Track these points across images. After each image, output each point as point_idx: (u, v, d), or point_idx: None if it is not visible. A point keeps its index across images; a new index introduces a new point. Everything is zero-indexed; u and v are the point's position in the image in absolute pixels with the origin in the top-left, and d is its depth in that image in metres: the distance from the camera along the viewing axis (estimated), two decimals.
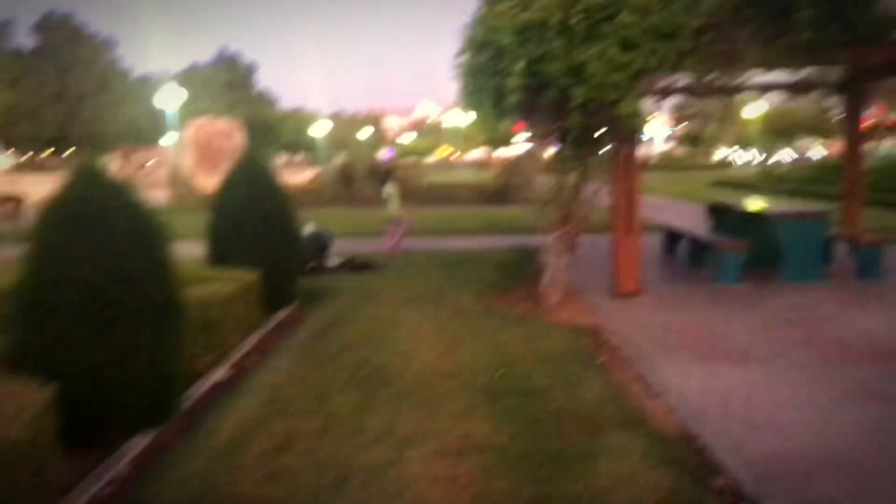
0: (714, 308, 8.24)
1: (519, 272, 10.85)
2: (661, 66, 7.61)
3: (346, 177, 27.89)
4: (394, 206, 14.25)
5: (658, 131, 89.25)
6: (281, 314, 8.31)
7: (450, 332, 7.31)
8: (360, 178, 27.20)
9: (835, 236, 10.28)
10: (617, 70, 7.48)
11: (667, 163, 60.48)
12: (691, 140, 75.69)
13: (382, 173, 14.94)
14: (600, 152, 8.51)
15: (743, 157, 70.00)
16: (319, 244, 11.73)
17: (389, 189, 14.35)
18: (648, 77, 7.87)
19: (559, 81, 7.68)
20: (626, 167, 8.69)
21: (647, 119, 8.04)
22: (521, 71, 7.66)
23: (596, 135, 8.28)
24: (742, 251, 9.45)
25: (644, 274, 9.78)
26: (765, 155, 61.12)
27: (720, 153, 73.30)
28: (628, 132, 8.44)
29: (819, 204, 18.89)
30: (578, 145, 8.27)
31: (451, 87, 8.83)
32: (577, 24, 7.49)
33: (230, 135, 29.84)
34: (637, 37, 7.42)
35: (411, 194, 26.23)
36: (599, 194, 8.69)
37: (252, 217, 8.32)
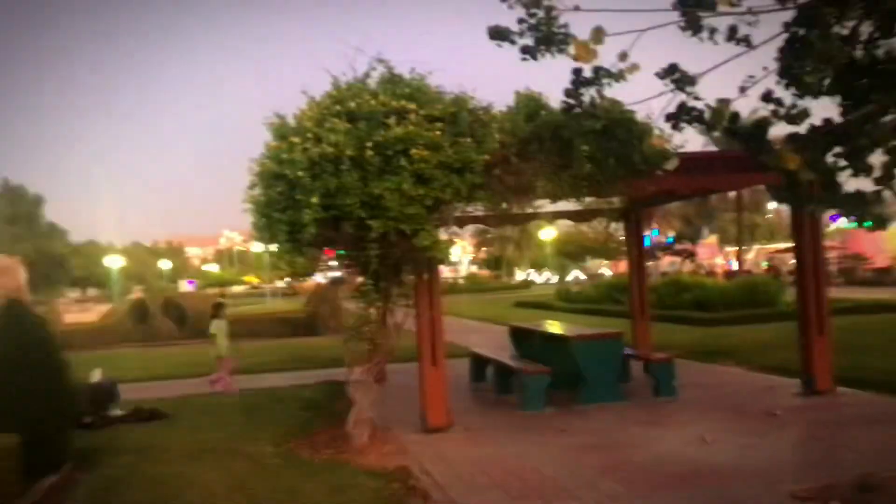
0: (523, 438, 8.11)
1: (326, 410, 10.26)
2: (455, 199, 7.70)
3: (140, 313, 26.02)
4: (220, 345, 13.25)
5: (463, 255, 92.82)
6: (46, 482, 7.15)
7: (246, 492, 6.57)
8: (156, 314, 25.47)
9: (630, 355, 10.70)
10: (412, 203, 7.46)
11: (473, 285, 62.50)
12: (492, 263, 79.18)
13: (211, 309, 13.89)
14: (402, 282, 8.35)
15: (539, 277, 74.08)
16: (102, 394, 10.52)
17: (216, 326, 13.32)
18: (445, 208, 7.92)
19: (355, 214, 7.53)
20: (429, 297, 8.59)
21: (448, 247, 8.03)
22: (315, 205, 7.45)
23: (397, 265, 8.14)
24: (545, 376, 9.54)
25: (454, 404, 9.58)
26: (558, 275, 65.03)
27: (520, 274, 77.12)
28: (428, 262, 8.40)
29: (612, 322, 20.03)
30: (379, 276, 8.08)
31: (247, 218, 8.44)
32: (372, 157, 7.45)
33: (7, 272, 27.10)
34: (430, 171, 7.47)
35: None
36: (404, 324, 8.47)
37: (15, 371, 7.25)
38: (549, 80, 7.41)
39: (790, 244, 49.17)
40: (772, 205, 54.73)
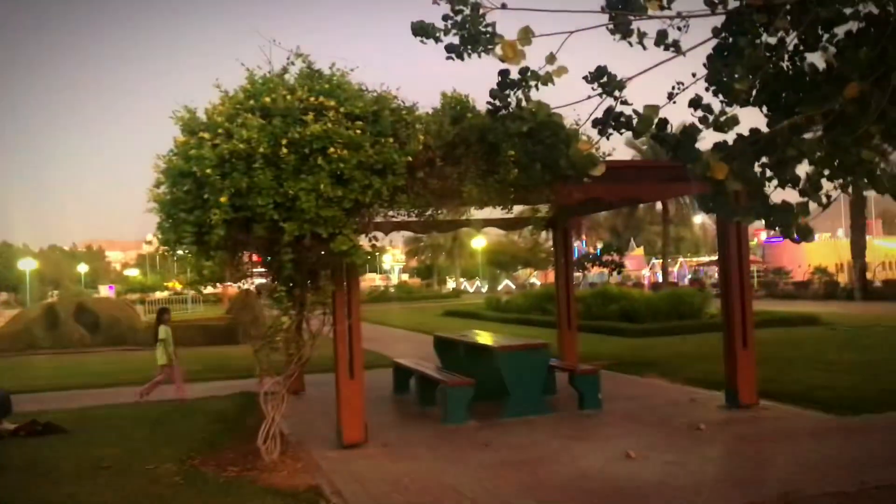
0: (443, 454, 7.76)
1: (237, 424, 9.69)
2: (375, 201, 7.31)
3: (50, 318, 24.70)
4: (164, 352, 12.53)
5: (394, 263, 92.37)
6: None
7: None
8: (67, 320, 24.20)
9: (555, 366, 10.48)
10: (330, 204, 7.04)
11: (403, 293, 62.07)
12: (424, 271, 78.97)
13: (156, 315, 13.20)
14: (319, 289, 7.90)
15: (470, 287, 74.18)
16: None
17: (164, 332, 12.58)
18: (365, 211, 7.52)
19: (268, 216, 7.07)
20: (348, 305, 8.16)
21: (367, 253, 7.63)
22: (225, 205, 6.96)
23: (313, 271, 7.70)
24: (468, 388, 9.22)
25: (376, 416, 9.21)
26: (488, 285, 65.25)
27: (451, 283, 77.10)
28: (347, 268, 7.99)
29: (540, 332, 19.92)
30: (293, 282, 7.63)
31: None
32: (287, 156, 7.01)
33: None
34: (349, 171, 7.07)
35: (125, 337, 23.85)
36: (321, 333, 8.03)
37: None
38: (479, 82, 7.12)
39: (714, 257, 50.49)
40: (697, 218, 56.14)
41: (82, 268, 75.89)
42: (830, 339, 17.11)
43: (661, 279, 47.38)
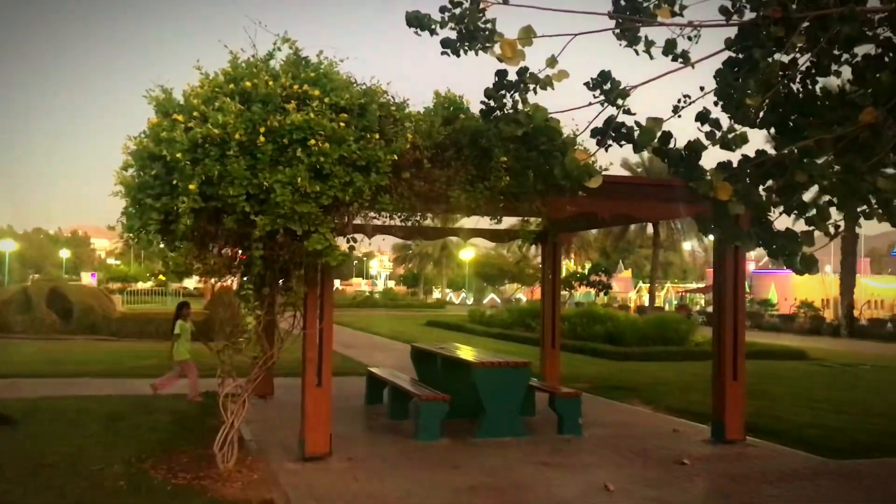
0: (411, 473, 7.29)
1: (199, 425, 9.19)
2: (356, 200, 6.85)
3: (24, 302, 24.06)
4: (181, 349, 11.89)
5: (381, 269, 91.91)
6: None
7: None
8: (39, 305, 23.57)
9: (535, 387, 10.03)
10: (306, 200, 6.58)
11: (388, 300, 61.53)
12: (410, 280, 78.46)
13: (175, 309, 12.45)
14: (290, 290, 7.42)
15: (456, 297, 73.79)
16: None
17: (179, 328, 11.92)
18: (344, 210, 7.06)
19: (240, 207, 6.61)
20: (320, 308, 7.69)
21: (343, 255, 7.16)
22: (193, 192, 6.49)
23: (285, 270, 7.23)
24: (443, 403, 8.75)
25: (344, 427, 8.78)
26: (474, 297, 64.86)
27: (437, 293, 76.65)
28: (321, 269, 7.53)
29: (522, 348, 19.49)
30: (262, 280, 7.16)
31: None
32: (264, 145, 6.56)
33: None
34: (330, 166, 6.61)
35: (99, 327, 23.23)
36: (289, 338, 7.56)
37: None
38: (476, 84, 6.70)
39: (701, 284, 50.30)
40: (687, 244, 55.97)
41: (64, 253, 74.84)
42: (817, 375, 16.75)
43: (647, 303, 47.07)
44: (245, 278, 7.38)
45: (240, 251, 7.22)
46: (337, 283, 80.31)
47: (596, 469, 7.57)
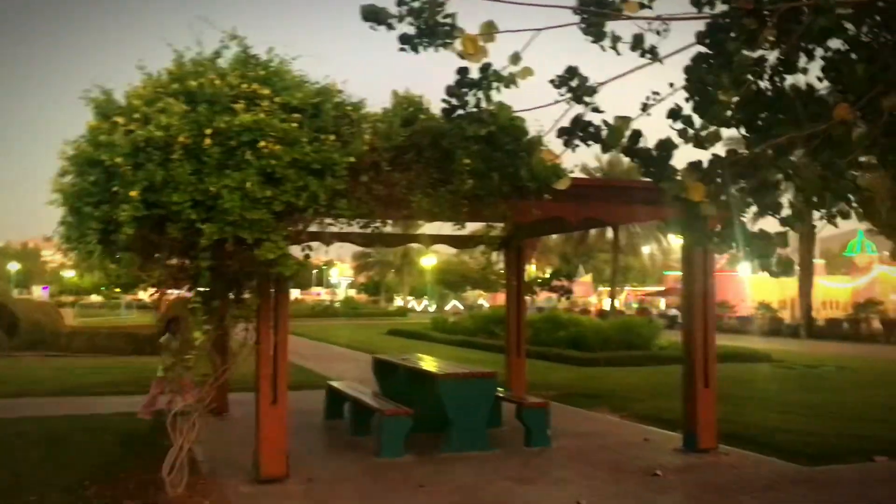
0: (373, 494, 6.90)
1: (148, 446, 8.65)
2: (311, 205, 6.45)
3: None
4: (160, 364, 10.95)
5: (341, 277, 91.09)
6: None
7: None
8: None
9: (502, 397, 9.70)
10: (257, 206, 6.17)
11: (349, 309, 60.84)
12: (372, 288, 77.83)
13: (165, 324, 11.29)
14: (242, 302, 6.98)
15: (418, 305, 73.34)
16: None
17: (165, 341, 10.97)
18: (299, 216, 6.66)
19: (185, 215, 6.17)
20: (274, 321, 7.27)
21: (298, 265, 6.75)
22: (135, 200, 6.04)
23: (236, 281, 6.81)
24: (406, 418, 8.37)
25: (300, 446, 8.35)
26: (437, 304, 64.53)
27: (399, 301, 76.12)
28: (276, 280, 7.10)
29: (487, 356, 19.20)
30: (212, 293, 6.72)
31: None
32: (211, 147, 6.13)
33: None
34: (282, 169, 6.21)
35: (48, 342, 22.34)
36: (241, 353, 7.12)
37: None
38: (439, 84, 6.36)
39: (660, 287, 50.55)
40: (646, 248, 56.35)
41: (13, 266, 72.71)
42: (782, 377, 16.73)
43: (608, 307, 47.21)
44: (194, 290, 6.94)
45: (187, 261, 6.78)
46: (297, 292, 79.52)
47: (567, 484, 7.25)
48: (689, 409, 8.59)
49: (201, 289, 6.79)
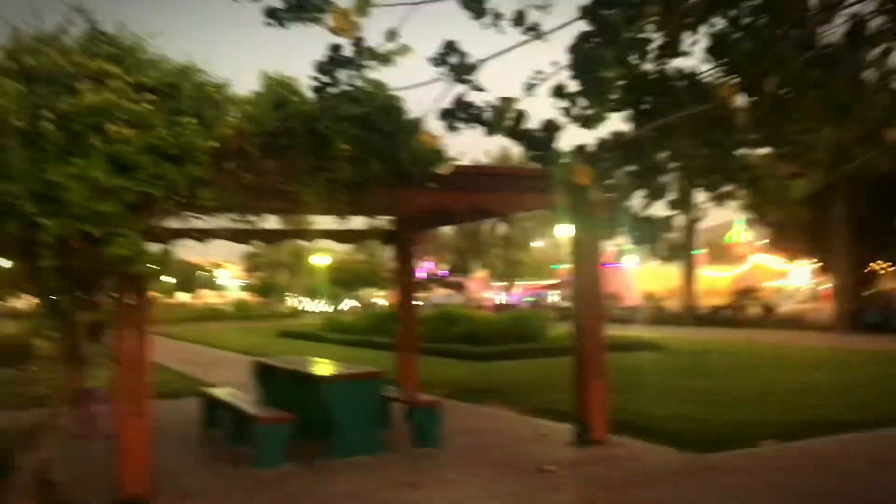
0: None
1: (2, 468, 7.77)
2: (169, 195, 5.84)
3: None
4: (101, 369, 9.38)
5: (232, 278, 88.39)
6: None
7: None
8: None
9: (392, 397, 9.28)
10: (106, 197, 5.52)
11: (239, 312, 58.85)
12: (263, 288, 75.70)
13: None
14: (95, 305, 6.29)
15: (311, 305, 71.90)
16: None
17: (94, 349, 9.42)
18: (155, 208, 6.02)
19: (23, 208, 5.45)
20: (134, 326, 6.58)
21: (157, 262, 6.11)
22: None
23: (85, 282, 6.12)
24: (286, 425, 7.82)
25: (173, 459, 7.73)
26: (331, 304, 63.53)
27: (292, 302, 74.42)
28: (135, 280, 6.43)
29: (380, 355, 18.72)
30: (57, 295, 6.00)
31: None
32: (51, 132, 5.44)
33: None
34: (134, 156, 5.59)
35: None
36: (92, 363, 6.42)
37: None
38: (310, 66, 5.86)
39: (551, 281, 51.30)
40: (537, 243, 57.24)
41: None
42: (670, 364, 17.05)
43: (502, 302, 47.64)
44: (39, 294, 6.20)
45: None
46: (186, 296, 76.47)
47: (457, 486, 6.91)
48: (581, 401, 8.43)
49: (47, 292, 6.08)
